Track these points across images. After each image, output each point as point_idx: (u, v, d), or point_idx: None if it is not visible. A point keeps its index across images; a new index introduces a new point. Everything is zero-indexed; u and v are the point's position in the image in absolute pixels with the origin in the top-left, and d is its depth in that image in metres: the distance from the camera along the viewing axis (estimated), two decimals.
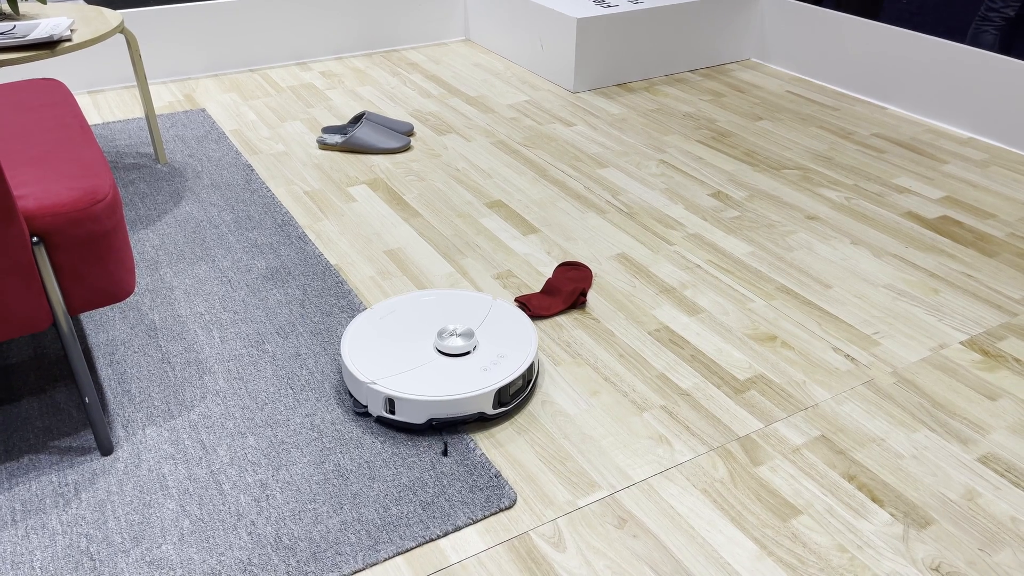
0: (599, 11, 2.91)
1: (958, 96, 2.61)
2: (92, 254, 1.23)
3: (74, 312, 1.26)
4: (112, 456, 1.36)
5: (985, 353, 1.63)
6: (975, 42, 2.54)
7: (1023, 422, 1.46)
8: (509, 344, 1.51)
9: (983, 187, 2.28)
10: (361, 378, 1.41)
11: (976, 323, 1.72)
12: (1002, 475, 1.35)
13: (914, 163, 2.42)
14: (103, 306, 1.29)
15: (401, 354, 1.48)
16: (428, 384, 1.41)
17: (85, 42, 1.99)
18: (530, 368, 1.47)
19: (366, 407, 1.44)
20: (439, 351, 1.49)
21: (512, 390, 1.44)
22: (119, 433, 1.41)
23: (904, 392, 1.53)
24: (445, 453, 1.37)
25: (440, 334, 1.50)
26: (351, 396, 1.48)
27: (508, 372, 1.45)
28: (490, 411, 1.43)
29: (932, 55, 2.66)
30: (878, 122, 2.70)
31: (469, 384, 1.42)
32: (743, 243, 2.01)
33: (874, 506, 1.29)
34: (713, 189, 2.27)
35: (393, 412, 1.40)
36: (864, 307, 1.77)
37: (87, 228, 1.20)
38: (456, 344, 1.48)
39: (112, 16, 2.18)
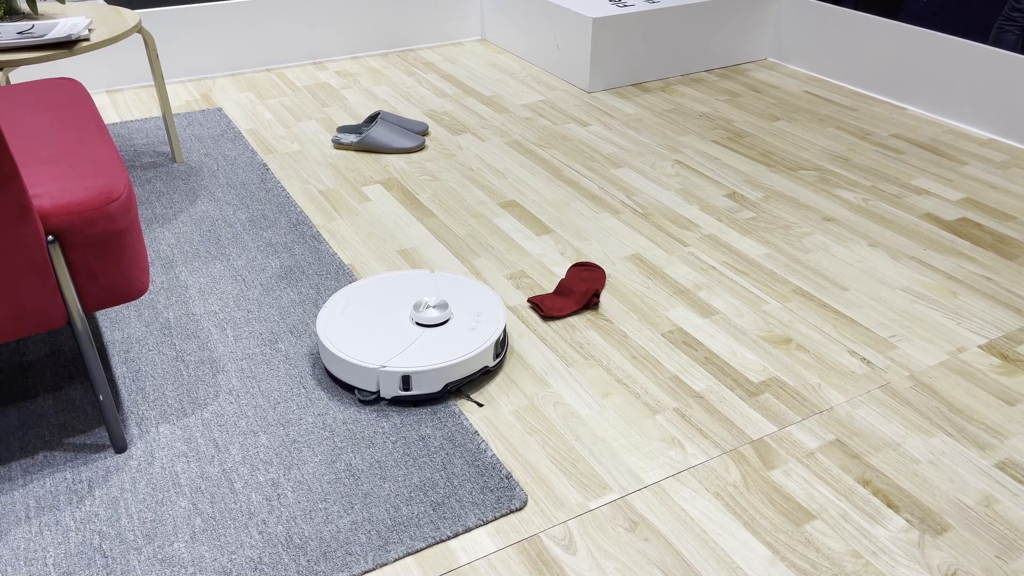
0: (615, 11, 2.90)
1: (978, 97, 2.58)
2: (107, 253, 1.23)
3: (89, 310, 1.27)
4: (126, 454, 1.37)
5: (1004, 357, 1.61)
6: (997, 42, 2.51)
7: None
8: (475, 304, 1.61)
9: (1003, 189, 2.25)
10: (369, 365, 1.44)
11: (995, 327, 1.70)
12: (1020, 481, 1.33)
13: (933, 164, 2.39)
14: (117, 304, 1.30)
15: (388, 336, 1.52)
16: (434, 354, 1.47)
17: (103, 42, 2.00)
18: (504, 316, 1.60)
19: (376, 392, 1.46)
20: (419, 324, 1.54)
21: (502, 339, 1.57)
22: (133, 431, 1.42)
23: (921, 396, 1.51)
24: (480, 404, 1.45)
25: (416, 308, 1.55)
26: (354, 389, 1.49)
27: (496, 325, 1.56)
28: (491, 363, 1.53)
29: (952, 55, 2.62)
30: (897, 123, 2.67)
31: (470, 344, 1.50)
32: (759, 244, 1.99)
33: (889, 512, 1.28)
34: (729, 190, 2.25)
35: (409, 388, 1.45)
36: (881, 310, 1.75)
37: (102, 227, 1.21)
38: (433, 315, 1.54)
39: (130, 16, 2.20)
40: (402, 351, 1.47)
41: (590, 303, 1.75)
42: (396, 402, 1.47)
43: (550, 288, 1.83)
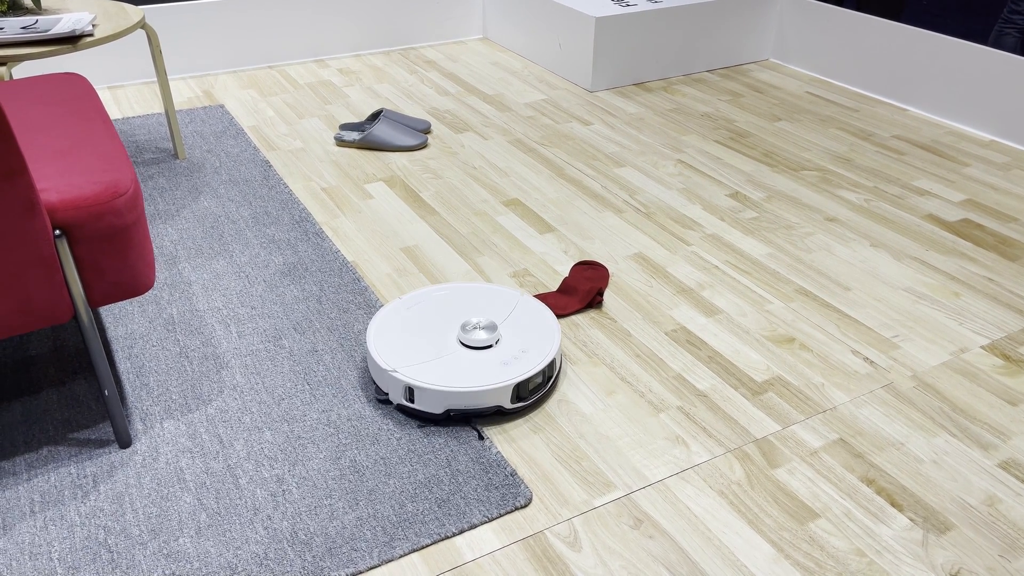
0: (617, 10, 2.91)
1: (980, 98, 2.59)
2: (113, 248, 1.23)
3: (95, 305, 1.27)
4: (130, 449, 1.37)
5: (1006, 358, 1.62)
6: (997, 44, 2.52)
7: None
8: (532, 340, 1.51)
9: (1005, 190, 2.26)
10: (383, 365, 1.43)
11: (997, 327, 1.70)
12: (1023, 481, 1.34)
13: (935, 165, 2.40)
14: (123, 299, 1.30)
15: (424, 345, 1.49)
16: (448, 375, 1.42)
17: (106, 37, 2.00)
18: (550, 365, 1.47)
19: (387, 394, 1.45)
20: (462, 343, 1.49)
21: (531, 386, 1.44)
22: (137, 426, 1.42)
23: (924, 396, 1.52)
24: (481, 437, 1.39)
25: (464, 327, 1.50)
26: (374, 383, 1.49)
27: (528, 367, 1.44)
28: (508, 405, 1.43)
29: (954, 57, 2.63)
30: (898, 124, 2.68)
31: (488, 377, 1.42)
32: (761, 244, 2.00)
33: (893, 511, 1.28)
34: (731, 190, 2.26)
35: (412, 401, 1.42)
36: (883, 310, 1.76)
37: (108, 222, 1.21)
38: (479, 337, 1.48)
39: (133, 12, 2.20)
40: (422, 362, 1.44)
41: (593, 302, 1.76)
42: (402, 411, 1.45)
43: (554, 287, 1.83)
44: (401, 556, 1.20)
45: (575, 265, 1.88)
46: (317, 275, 1.84)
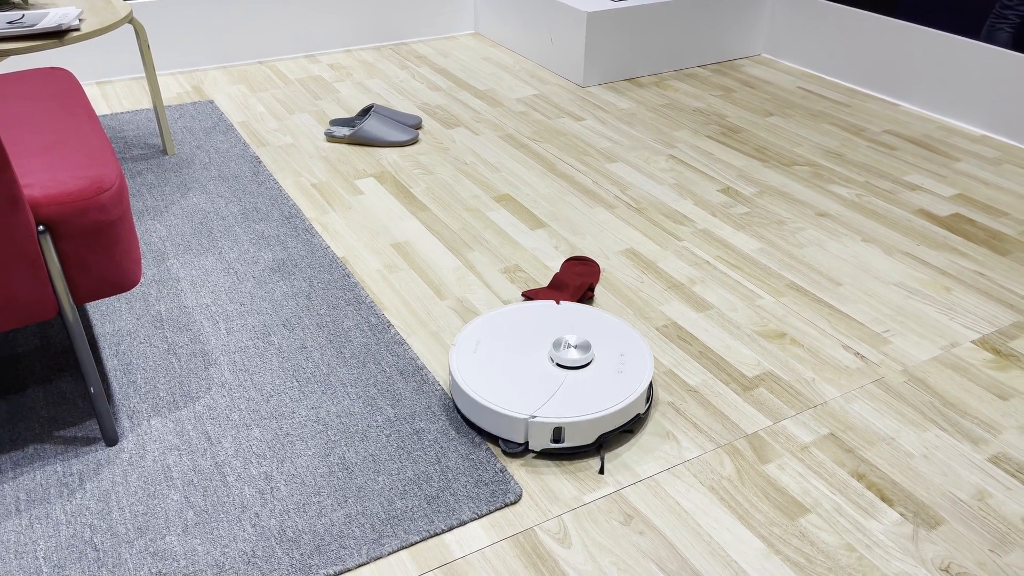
0: (609, 5, 2.90)
1: (971, 93, 2.59)
2: (98, 243, 1.22)
3: (80, 301, 1.26)
4: (117, 446, 1.36)
5: (997, 352, 1.62)
6: (990, 39, 2.52)
7: None
8: (614, 340, 1.46)
9: (996, 185, 2.26)
10: (518, 415, 1.31)
11: (988, 322, 1.70)
12: (1013, 475, 1.34)
13: (926, 160, 2.40)
14: (109, 296, 1.29)
15: (530, 380, 1.38)
16: (584, 401, 1.33)
17: (93, 32, 1.98)
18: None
19: (522, 444, 1.34)
20: (561, 365, 1.41)
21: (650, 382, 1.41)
22: (124, 424, 1.41)
23: (914, 391, 1.52)
24: (602, 471, 1.32)
25: (556, 347, 1.41)
26: (499, 440, 1.36)
27: (643, 366, 1.41)
28: (643, 409, 1.39)
29: (945, 52, 2.63)
30: (890, 119, 2.68)
31: (621, 389, 1.36)
32: (752, 239, 1.99)
33: (883, 505, 1.28)
34: (723, 185, 2.25)
35: (561, 440, 1.32)
36: (875, 305, 1.76)
37: (93, 217, 1.20)
38: (576, 356, 1.40)
39: (121, 6, 2.18)
40: (549, 398, 1.33)
41: (584, 297, 1.75)
42: (543, 454, 1.34)
43: (544, 282, 1.83)
44: (390, 553, 1.19)
45: (566, 260, 1.87)
46: (306, 271, 1.83)
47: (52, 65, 2.83)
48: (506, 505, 1.27)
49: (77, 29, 1.99)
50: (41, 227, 1.17)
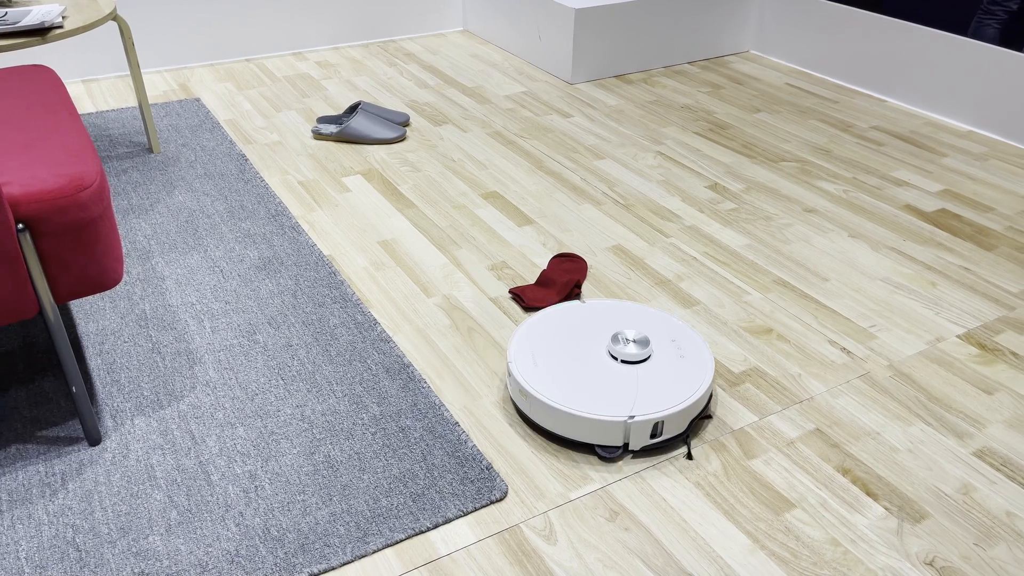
0: (597, 2, 2.89)
1: (958, 89, 2.59)
2: (79, 241, 1.21)
3: (61, 300, 1.25)
4: (100, 446, 1.35)
5: (982, 347, 1.62)
6: (977, 35, 2.52)
7: (1019, 416, 1.45)
8: (655, 327, 1.49)
9: (982, 180, 2.26)
10: (618, 418, 1.30)
11: (973, 317, 1.71)
12: (998, 469, 1.34)
13: (913, 156, 2.40)
14: (90, 294, 1.28)
15: (604, 384, 1.37)
16: (669, 392, 1.35)
17: (76, 29, 1.96)
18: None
19: (621, 447, 1.34)
20: (625, 361, 1.41)
21: None
22: (107, 423, 1.40)
23: (900, 386, 1.52)
24: (690, 457, 1.33)
25: (616, 343, 1.42)
26: (594, 448, 1.35)
27: (699, 346, 1.45)
28: (713, 390, 1.42)
29: (932, 48, 2.64)
30: (877, 115, 2.68)
31: (697, 373, 1.39)
32: (740, 235, 1.99)
33: (868, 500, 1.28)
34: (710, 181, 2.25)
35: (658, 435, 1.33)
36: (861, 300, 1.76)
37: (73, 215, 1.19)
38: (636, 351, 1.41)
39: (105, 3, 2.16)
40: (636, 396, 1.33)
41: (572, 294, 1.75)
42: (641, 452, 1.35)
43: (532, 279, 1.82)
44: (375, 551, 1.19)
45: (553, 257, 1.87)
46: (293, 269, 1.82)
47: (38, 63, 2.81)
48: (492, 502, 1.27)
49: (60, 26, 1.97)
50: (20, 225, 1.16)
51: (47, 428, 1.39)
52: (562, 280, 1.76)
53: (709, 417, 1.42)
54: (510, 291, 1.76)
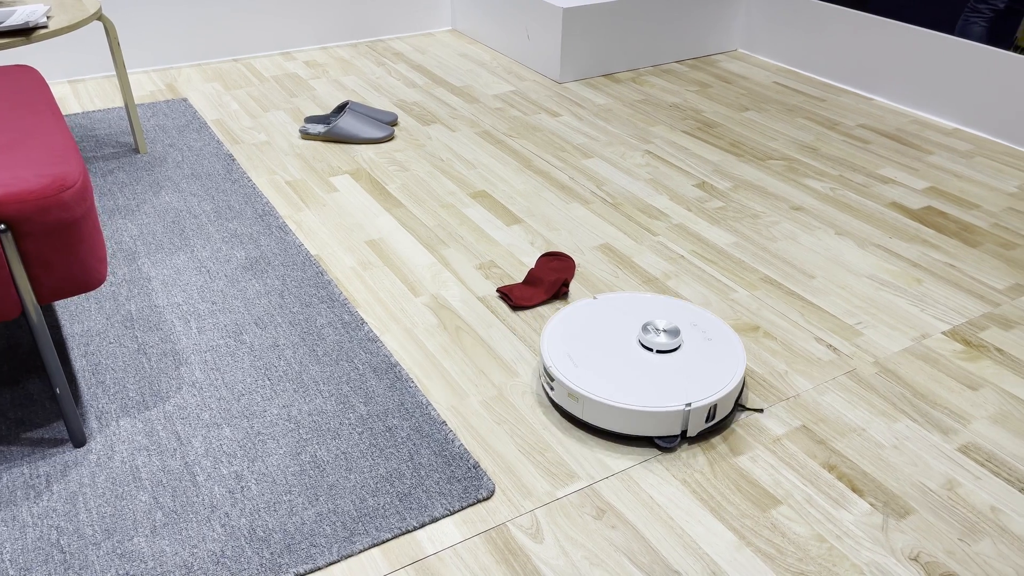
0: (586, 1, 2.89)
1: (944, 87, 2.61)
2: (61, 242, 1.20)
3: (43, 301, 1.24)
4: (85, 448, 1.34)
5: (967, 343, 1.63)
6: (964, 33, 2.54)
7: (1004, 412, 1.46)
8: (671, 314, 1.54)
9: (967, 178, 2.28)
10: (676, 407, 1.33)
11: (959, 313, 1.72)
12: (983, 464, 1.35)
13: (899, 154, 2.41)
14: (73, 295, 1.27)
15: (651, 376, 1.39)
16: (713, 375, 1.39)
17: (61, 29, 1.95)
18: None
19: (679, 435, 1.36)
20: (661, 351, 1.44)
21: None
22: (92, 424, 1.39)
23: (886, 382, 1.53)
24: (760, 409, 1.43)
25: (647, 333, 1.45)
26: (652, 441, 1.37)
27: (720, 325, 1.51)
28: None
29: (918, 46, 2.65)
30: (864, 113, 2.69)
31: (729, 352, 1.45)
32: (727, 233, 2.00)
33: (854, 496, 1.29)
34: (698, 180, 2.26)
35: (712, 417, 1.37)
36: (847, 297, 1.76)
37: (56, 216, 1.18)
38: (666, 340, 1.44)
39: (90, 3, 2.15)
40: (687, 383, 1.37)
41: (559, 293, 1.75)
42: (694, 437, 1.39)
43: (520, 278, 1.82)
44: (361, 551, 1.19)
45: (541, 256, 1.87)
46: (280, 269, 1.82)
47: (23, 63, 2.79)
48: (479, 501, 1.27)
49: (45, 26, 1.96)
50: (2, 226, 1.15)
51: (32, 430, 1.38)
52: (550, 279, 1.77)
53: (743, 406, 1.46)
54: (498, 290, 1.76)
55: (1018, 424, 1.43)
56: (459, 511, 1.25)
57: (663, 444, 1.36)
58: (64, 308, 1.69)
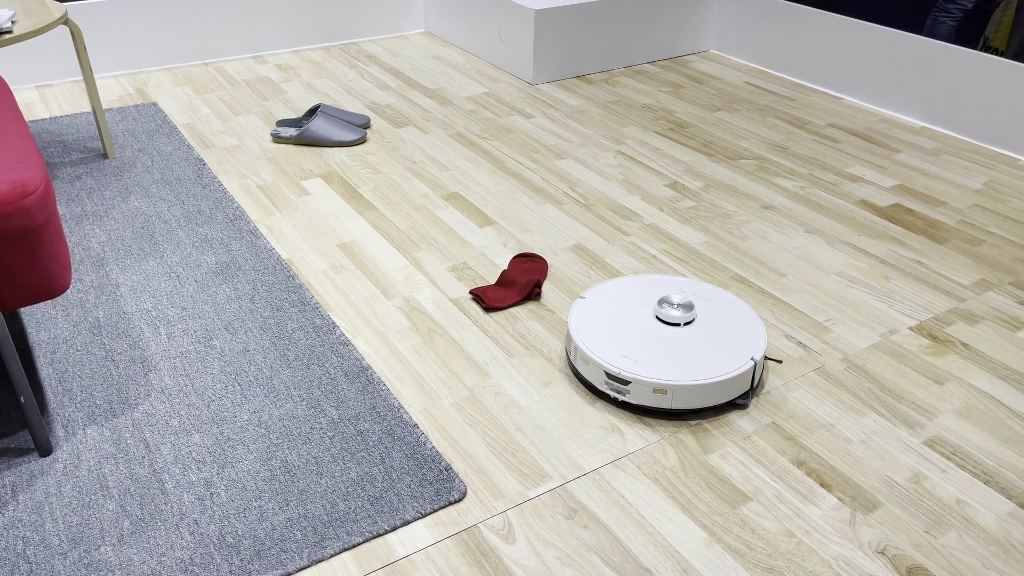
0: (558, 2, 2.90)
1: (912, 86, 2.64)
2: (24, 249, 1.19)
3: (6, 309, 1.23)
4: (51, 457, 1.33)
5: (933, 338, 1.65)
6: (932, 33, 2.57)
7: (969, 405, 1.48)
8: (668, 289, 1.62)
9: (934, 175, 2.31)
10: (746, 365, 1.42)
11: (925, 309, 1.74)
12: (948, 458, 1.37)
13: (868, 152, 2.44)
14: (37, 303, 1.26)
15: (697, 348, 1.46)
16: (742, 328, 1.51)
17: (27, 34, 1.93)
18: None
19: (749, 393, 1.46)
20: (687, 323, 1.52)
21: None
22: (59, 433, 1.38)
23: (854, 378, 1.54)
24: (778, 361, 1.53)
25: (665, 307, 1.52)
26: (732, 402, 1.45)
27: (710, 288, 1.62)
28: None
29: (886, 46, 2.68)
30: (834, 112, 2.72)
31: (737, 305, 1.58)
32: (698, 233, 2.01)
33: (822, 491, 1.30)
34: (670, 180, 2.27)
35: (755, 378, 1.47)
36: (817, 295, 1.78)
37: (17, 222, 1.17)
38: (685, 313, 1.51)
39: (55, 8, 2.13)
40: (730, 342, 1.47)
41: (532, 294, 1.75)
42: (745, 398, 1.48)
43: (493, 280, 1.82)
44: (332, 556, 1.18)
45: (514, 257, 1.87)
46: (251, 274, 1.81)
47: None
48: (450, 503, 1.27)
49: (10, 31, 1.94)
50: None
51: None
52: (522, 280, 1.77)
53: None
54: (470, 292, 1.76)
55: (983, 417, 1.45)
56: (431, 514, 1.25)
57: (741, 402, 1.45)
58: (30, 316, 1.67)
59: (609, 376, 1.42)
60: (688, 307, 1.52)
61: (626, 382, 1.41)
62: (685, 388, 1.39)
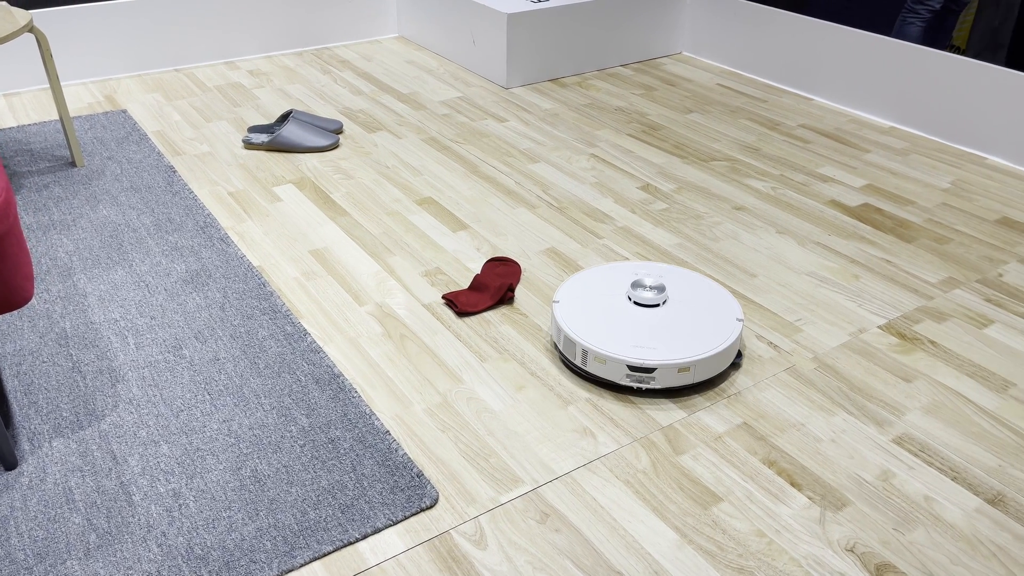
0: (530, 6, 2.91)
1: (881, 87, 2.67)
2: None
3: None
4: (16, 471, 1.31)
5: (901, 336, 1.67)
6: (901, 34, 2.60)
7: (937, 402, 1.49)
8: (640, 272, 1.66)
9: (903, 175, 2.33)
10: (736, 328, 1.51)
11: (894, 307, 1.76)
12: (916, 455, 1.38)
13: (838, 153, 2.46)
14: None
15: (687, 325, 1.52)
16: (715, 298, 1.59)
17: None
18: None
19: (741, 355, 1.58)
20: (666, 303, 1.57)
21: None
22: (24, 446, 1.36)
23: (824, 377, 1.55)
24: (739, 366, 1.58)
25: (639, 290, 1.57)
26: (734, 361, 1.55)
27: (673, 269, 1.68)
28: None
29: (856, 47, 2.71)
30: (804, 113, 2.75)
31: (700, 280, 1.65)
32: (670, 235, 2.02)
33: (793, 490, 1.31)
34: (642, 182, 2.28)
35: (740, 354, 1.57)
36: (787, 295, 1.80)
37: None
38: (652, 295, 1.56)
39: (20, 15, 2.10)
40: (712, 313, 1.55)
41: (505, 298, 1.75)
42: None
43: (466, 284, 1.82)
44: (302, 565, 1.17)
45: (487, 261, 1.87)
46: (221, 282, 1.79)
47: None
48: (422, 510, 1.26)
49: None
50: None
51: None
52: (495, 284, 1.77)
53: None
54: (443, 297, 1.76)
55: (950, 414, 1.47)
56: (402, 521, 1.24)
57: (739, 360, 1.56)
58: None
59: (632, 368, 1.44)
60: (660, 288, 1.56)
61: (651, 369, 1.44)
62: (705, 360, 1.46)
